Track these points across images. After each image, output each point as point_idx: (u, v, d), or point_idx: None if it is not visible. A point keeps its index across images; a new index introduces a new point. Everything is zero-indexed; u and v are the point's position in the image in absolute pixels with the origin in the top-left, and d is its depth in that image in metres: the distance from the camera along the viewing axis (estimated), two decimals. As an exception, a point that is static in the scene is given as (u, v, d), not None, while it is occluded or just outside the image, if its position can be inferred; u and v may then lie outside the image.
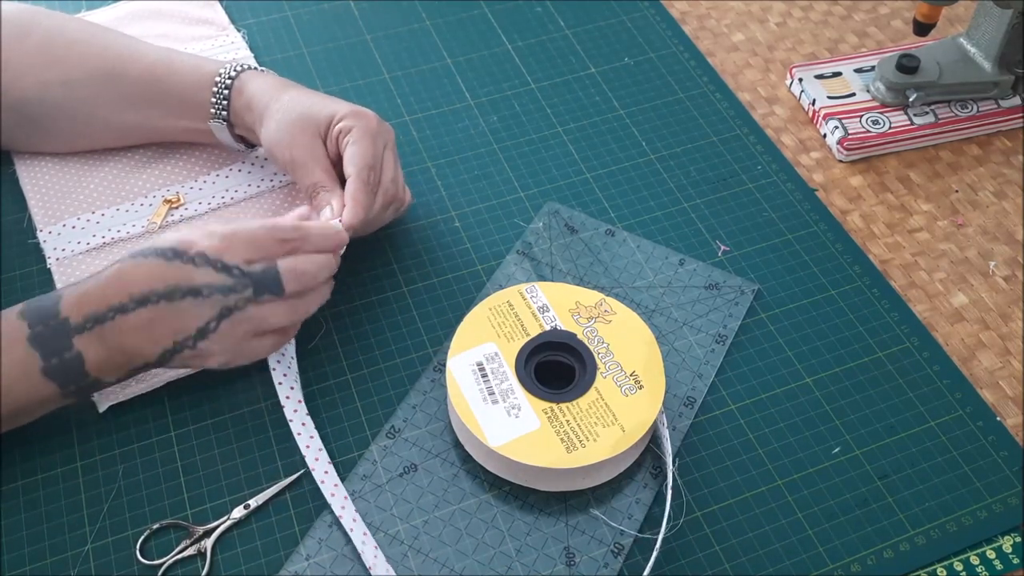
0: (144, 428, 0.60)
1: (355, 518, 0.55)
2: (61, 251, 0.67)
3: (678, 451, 0.59)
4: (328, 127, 0.64)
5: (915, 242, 0.72)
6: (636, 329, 0.60)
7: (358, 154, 0.62)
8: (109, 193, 0.70)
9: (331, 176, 0.64)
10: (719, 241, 0.71)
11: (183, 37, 0.82)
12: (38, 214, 0.69)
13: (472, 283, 0.68)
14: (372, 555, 0.54)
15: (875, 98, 0.79)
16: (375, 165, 0.63)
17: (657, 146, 0.77)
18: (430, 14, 0.87)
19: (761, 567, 0.55)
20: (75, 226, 0.68)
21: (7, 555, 0.54)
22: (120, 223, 0.69)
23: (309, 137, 0.64)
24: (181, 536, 0.55)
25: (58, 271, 0.66)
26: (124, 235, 0.68)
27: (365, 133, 0.63)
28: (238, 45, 0.82)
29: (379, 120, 0.65)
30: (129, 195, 0.70)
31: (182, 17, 0.84)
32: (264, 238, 0.56)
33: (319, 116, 0.64)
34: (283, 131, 0.64)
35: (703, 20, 0.89)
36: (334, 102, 0.65)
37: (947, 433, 0.61)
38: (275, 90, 0.66)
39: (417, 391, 0.62)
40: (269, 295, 0.55)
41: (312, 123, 0.64)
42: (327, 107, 0.64)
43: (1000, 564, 0.56)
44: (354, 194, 0.61)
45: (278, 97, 0.65)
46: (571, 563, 0.55)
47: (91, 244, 0.67)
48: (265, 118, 0.65)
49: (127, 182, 0.71)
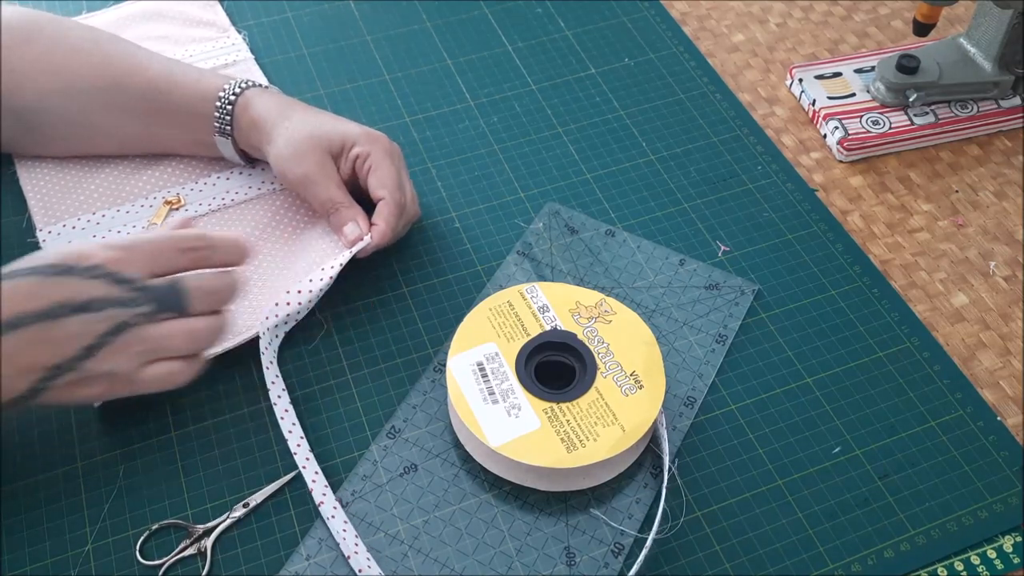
0: (144, 428, 0.60)
1: (345, 520, 0.55)
2: None
3: (678, 451, 0.59)
4: (341, 148, 0.65)
5: (915, 242, 0.72)
6: (636, 329, 0.60)
7: (387, 176, 0.64)
8: (109, 194, 0.70)
9: (346, 193, 0.65)
10: (719, 241, 0.71)
11: (183, 39, 0.82)
12: (38, 214, 0.69)
13: (472, 283, 0.68)
14: (365, 562, 0.54)
15: (875, 98, 0.79)
16: (401, 186, 0.65)
17: (657, 146, 0.77)
18: (430, 15, 0.87)
19: (761, 567, 0.55)
20: (75, 227, 0.68)
21: (7, 555, 0.54)
22: (120, 224, 0.69)
23: (321, 154, 0.64)
24: (181, 536, 0.55)
25: None
26: None
27: (384, 156, 0.65)
28: (239, 47, 0.82)
29: (391, 141, 0.66)
30: (130, 196, 0.70)
31: (183, 19, 0.84)
32: (167, 248, 0.53)
33: (331, 135, 0.65)
34: (294, 149, 0.64)
35: (703, 21, 0.89)
36: (344, 123, 0.66)
37: (947, 433, 0.61)
38: (282, 109, 0.66)
39: (417, 391, 0.62)
40: (171, 312, 0.52)
41: (324, 141, 0.64)
42: (338, 127, 0.65)
43: (1001, 564, 0.56)
44: (388, 217, 0.63)
45: (287, 115, 0.66)
46: (571, 563, 0.54)
47: None
48: (273, 136, 0.65)
49: (128, 183, 0.71)
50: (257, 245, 0.68)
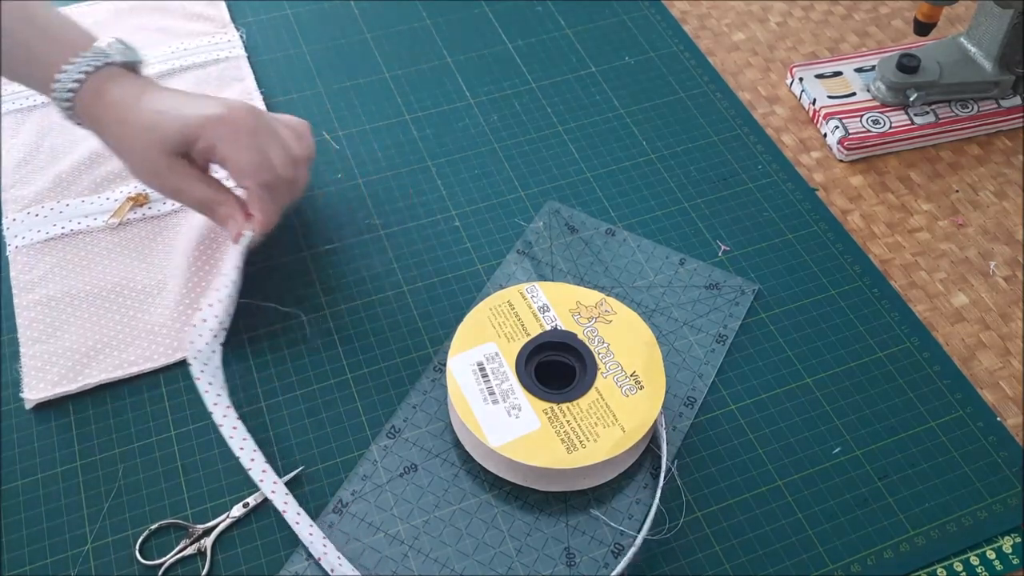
0: (144, 428, 0.60)
1: (299, 511, 0.55)
2: (22, 239, 0.68)
3: (678, 451, 0.59)
4: (184, 144, 0.58)
5: (915, 242, 0.72)
6: (636, 329, 0.60)
7: (243, 162, 0.57)
8: (77, 183, 0.71)
9: (214, 185, 0.60)
10: (719, 241, 0.70)
11: (180, 32, 0.83)
12: (8, 201, 0.70)
13: (472, 283, 0.67)
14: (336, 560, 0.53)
15: (875, 98, 0.79)
16: (264, 165, 0.58)
17: (657, 145, 0.77)
18: (430, 13, 0.87)
19: (761, 567, 0.55)
20: (39, 214, 0.69)
21: (7, 555, 0.54)
22: (82, 214, 0.69)
23: (167, 160, 0.58)
24: (181, 536, 0.55)
25: (15, 259, 0.67)
26: (84, 227, 0.68)
27: (233, 139, 0.57)
28: (234, 43, 0.82)
29: (245, 111, 0.58)
30: (99, 186, 0.70)
31: (184, 12, 0.84)
32: None
33: (169, 137, 0.57)
34: (144, 167, 0.59)
35: (704, 19, 0.89)
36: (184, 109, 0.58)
37: (947, 433, 0.61)
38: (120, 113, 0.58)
39: (417, 391, 0.62)
40: None
41: (165, 147, 0.58)
42: (174, 123, 0.57)
43: (1000, 564, 0.56)
44: (260, 206, 0.59)
45: (124, 123, 0.58)
46: (571, 563, 0.55)
47: (50, 234, 0.68)
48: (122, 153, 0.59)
49: (97, 171, 0.71)
50: (209, 250, 0.67)
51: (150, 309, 0.64)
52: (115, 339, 0.63)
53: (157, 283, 0.66)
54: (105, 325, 0.63)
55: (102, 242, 0.68)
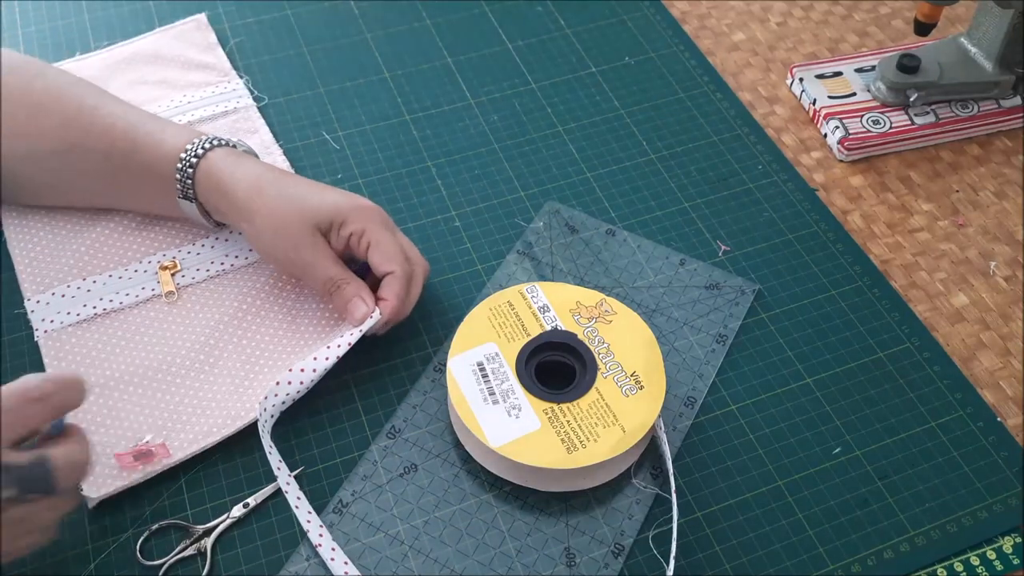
0: (144, 428, 0.60)
1: (321, 525, 0.55)
2: (50, 323, 0.63)
3: (678, 451, 0.59)
4: (330, 224, 0.60)
5: (916, 242, 0.72)
6: (636, 329, 0.60)
7: (391, 251, 0.60)
8: (101, 256, 0.66)
9: (344, 267, 0.61)
10: (719, 241, 0.70)
11: (181, 84, 0.78)
12: (26, 281, 0.65)
13: (472, 283, 0.67)
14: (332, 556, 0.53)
15: (876, 98, 0.79)
16: (408, 254, 0.62)
17: (658, 146, 0.77)
18: (430, 13, 0.87)
19: (761, 567, 0.55)
20: (64, 295, 0.64)
21: (7, 555, 0.54)
22: (112, 291, 0.64)
23: (311, 234, 0.60)
24: (181, 536, 0.55)
25: (46, 345, 0.62)
26: (117, 305, 0.64)
27: (382, 229, 0.61)
28: (240, 92, 0.78)
29: (380, 209, 0.62)
30: (122, 260, 0.66)
31: (182, 62, 0.80)
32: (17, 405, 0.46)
33: (318, 213, 0.60)
34: (275, 230, 0.60)
35: (704, 20, 0.89)
36: (326, 193, 0.62)
37: (947, 433, 0.61)
38: (253, 178, 0.61)
39: (417, 391, 0.62)
40: (37, 494, 0.46)
41: (311, 219, 0.60)
42: (325, 201, 0.61)
43: (1000, 565, 0.56)
44: (398, 291, 0.60)
45: (260, 189, 0.61)
46: (571, 563, 0.54)
47: (81, 315, 0.63)
48: (248, 213, 0.61)
49: (119, 244, 0.67)
50: (259, 315, 0.64)
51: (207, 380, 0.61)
52: (172, 419, 0.59)
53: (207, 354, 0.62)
54: (159, 406, 0.59)
55: (137, 318, 0.64)
